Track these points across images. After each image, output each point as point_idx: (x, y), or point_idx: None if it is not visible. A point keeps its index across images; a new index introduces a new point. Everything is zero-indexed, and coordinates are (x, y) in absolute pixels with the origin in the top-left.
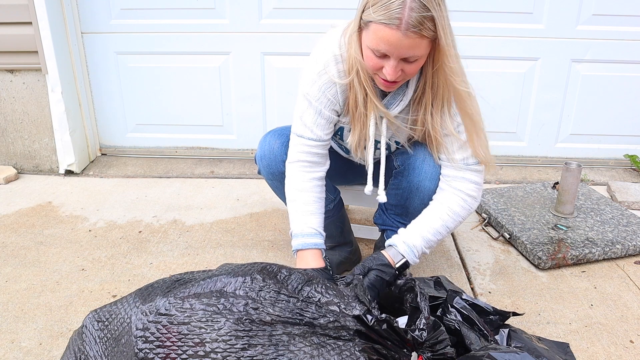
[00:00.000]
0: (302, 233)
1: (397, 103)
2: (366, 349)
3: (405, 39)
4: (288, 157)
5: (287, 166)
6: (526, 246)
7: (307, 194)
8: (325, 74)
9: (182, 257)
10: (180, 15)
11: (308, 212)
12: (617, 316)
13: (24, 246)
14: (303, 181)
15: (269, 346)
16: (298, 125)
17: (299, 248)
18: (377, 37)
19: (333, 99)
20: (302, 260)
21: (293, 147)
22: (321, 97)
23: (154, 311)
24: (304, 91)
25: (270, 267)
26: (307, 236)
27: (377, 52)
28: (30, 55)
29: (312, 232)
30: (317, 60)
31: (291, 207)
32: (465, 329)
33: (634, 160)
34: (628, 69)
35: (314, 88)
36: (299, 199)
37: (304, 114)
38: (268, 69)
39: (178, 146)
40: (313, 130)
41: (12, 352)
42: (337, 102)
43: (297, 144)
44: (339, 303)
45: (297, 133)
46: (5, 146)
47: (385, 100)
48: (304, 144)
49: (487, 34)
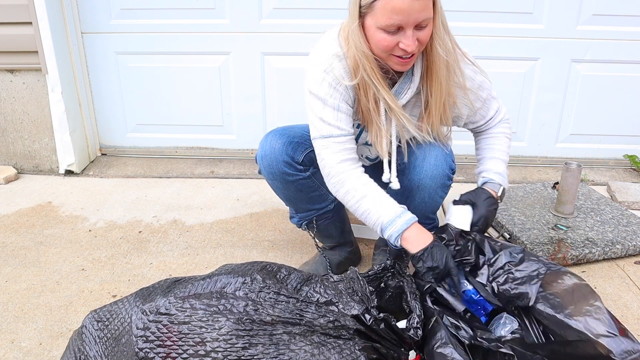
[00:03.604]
0: (397, 214)
1: (406, 90)
2: (366, 348)
3: (415, 2)
4: (324, 164)
5: (330, 173)
6: (526, 246)
7: (373, 184)
8: (332, 71)
9: (182, 257)
10: (180, 15)
11: (385, 197)
12: (617, 316)
13: (24, 246)
14: (359, 176)
15: (270, 345)
16: (321, 127)
17: (405, 228)
18: (388, 11)
19: (345, 93)
20: (412, 238)
21: (325, 151)
22: (333, 93)
23: (155, 311)
24: (314, 92)
25: (270, 267)
26: (402, 215)
27: (391, 28)
28: (30, 55)
29: (402, 210)
30: (321, 59)
31: (367, 202)
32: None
33: (634, 161)
34: (628, 69)
35: (323, 86)
36: (370, 191)
37: (323, 114)
38: (268, 69)
39: (178, 146)
40: (339, 126)
41: (12, 352)
42: (349, 96)
43: (329, 145)
44: (337, 303)
45: (324, 134)
46: (5, 146)
47: (394, 90)
48: (336, 141)
49: (487, 34)
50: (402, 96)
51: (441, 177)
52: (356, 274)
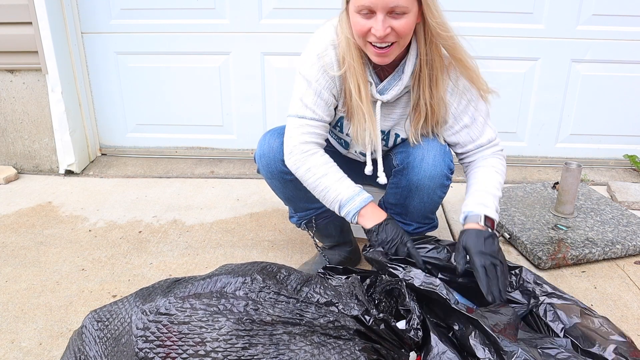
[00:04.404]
0: (355, 192)
1: (393, 87)
2: (366, 349)
3: None
4: (289, 142)
5: (293, 151)
6: (526, 246)
7: (333, 164)
8: (326, 56)
9: (182, 257)
10: (180, 15)
11: (344, 177)
12: (617, 316)
13: (24, 246)
14: (322, 155)
15: (270, 345)
16: (299, 107)
17: (362, 205)
18: None
19: (331, 82)
20: (368, 215)
21: (294, 130)
22: (320, 78)
23: (154, 311)
24: (303, 72)
25: (270, 267)
26: (360, 193)
27: (363, 10)
28: (30, 55)
29: (360, 189)
30: (317, 43)
31: (326, 180)
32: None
33: (634, 160)
34: (628, 69)
35: (313, 69)
36: (330, 170)
37: (304, 95)
38: (268, 69)
39: (178, 146)
40: (315, 110)
41: (12, 352)
42: (335, 85)
43: (299, 126)
44: (337, 303)
45: (298, 114)
46: (5, 146)
47: (381, 86)
48: (308, 124)
49: (487, 34)
50: (387, 92)
51: (440, 177)
52: (357, 281)
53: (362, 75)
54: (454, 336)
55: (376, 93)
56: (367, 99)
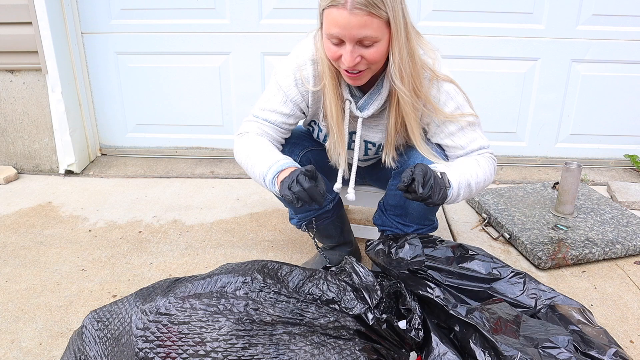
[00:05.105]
0: (276, 160)
1: (371, 105)
2: (366, 349)
3: (352, 17)
4: (244, 136)
5: (242, 141)
6: (526, 246)
7: (267, 143)
8: (303, 70)
9: (182, 257)
10: (180, 15)
11: (275, 151)
12: (617, 316)
13: (24, 246)
14: (258, 135)
15: (270, 345)
16: (262, 108)
17: (280, 170)
18: (329, 22)
19: (300, 96)
20: (283, 176)
21: (251, 125)
22: (290, 89)
23: (154, 311)
24: (277, 79)
25: (270, 265)
26: (282, 160)
27: (333, 39)
28: (30, 55)
29: (284, 158)
30: (298, 56)
31: (254, 153)
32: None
33: (634, 160)
34: (628, 69)
35: (287, 80)
36: (261, 145)
37: (270, 99)
38: (268, 69)
39: (178, 146)
40: (274, 118)
41: (12, 352)
42: (303, 100)
43: (257, 125)
44: (339, 302)
45: (258, 115)
46: (5, 146)
47: (361, 102)
48: (264, 125)
49: (487, 34)
50: (368, 108)
51: None
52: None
53: (334, 94)
54: (454, 337)
55: (356, 110)
56: (339, 118)
